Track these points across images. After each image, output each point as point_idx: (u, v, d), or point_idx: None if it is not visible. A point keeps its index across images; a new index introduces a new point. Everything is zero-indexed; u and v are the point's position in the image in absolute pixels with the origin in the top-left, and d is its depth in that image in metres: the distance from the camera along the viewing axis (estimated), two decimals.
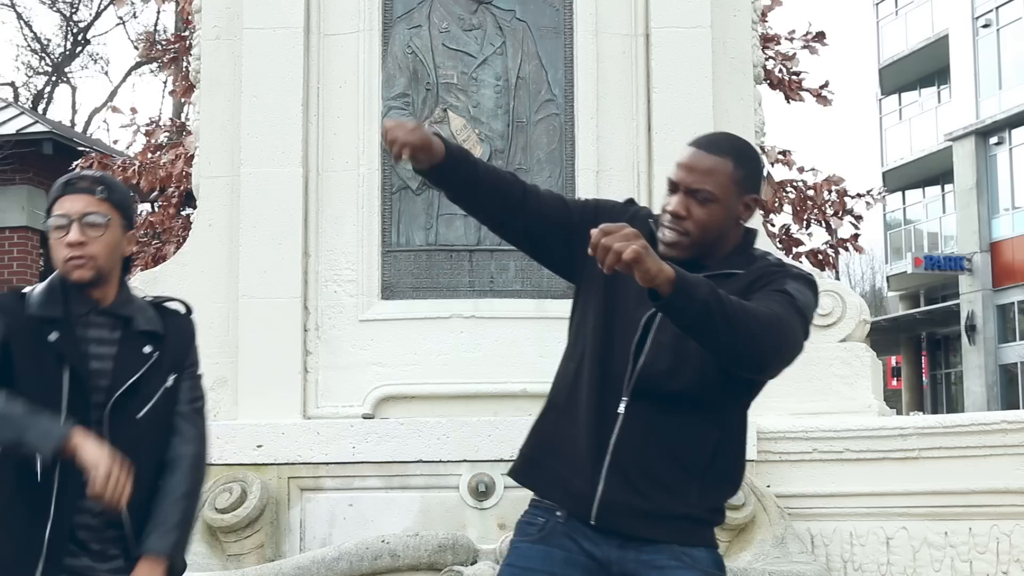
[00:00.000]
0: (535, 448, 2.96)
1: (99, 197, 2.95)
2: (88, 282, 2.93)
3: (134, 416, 2.89)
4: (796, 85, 9.93)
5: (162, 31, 22.70)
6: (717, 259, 2.83)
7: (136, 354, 2.93)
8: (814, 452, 5.19)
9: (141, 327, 2.98)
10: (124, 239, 3.01)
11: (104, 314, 2.95)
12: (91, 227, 2.92)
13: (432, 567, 4.61)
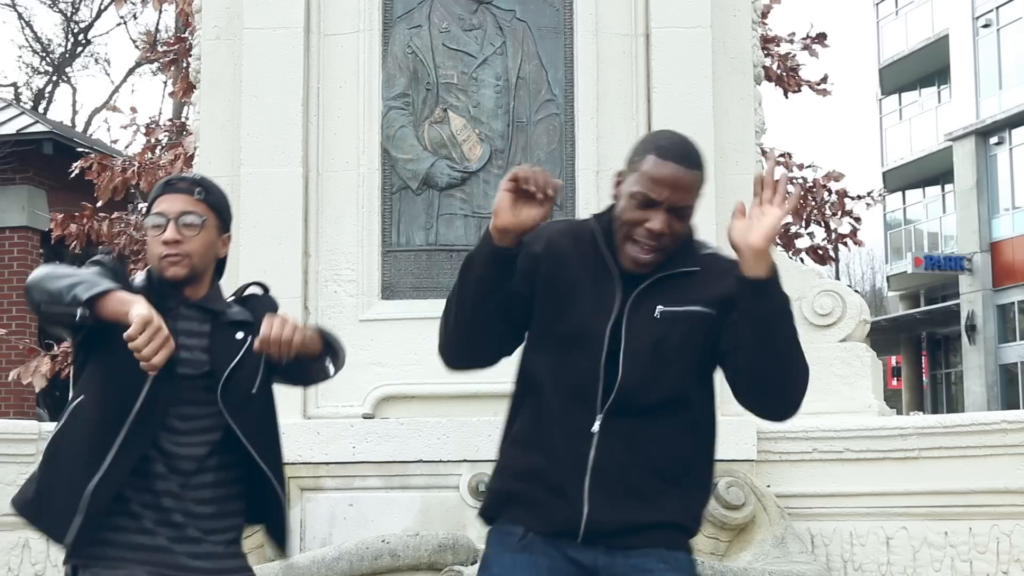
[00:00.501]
0: (508, 483, 2.78)
1: (197, 198, 3.05)
2: (182, 280, 3.02)
3: (248, 394, 2.99)
4: (795, 78, 9.92)
5: (163, 31, 22.70)
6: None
7: (230, 341, 3.01)
8: (814, 452, 5.19)
9: (232, 318, 3.07)
10: (219, 240, 3.10)
11: (194, 308, 3.03)
12: (187, 227, 3.01)
13: (432, 567, 4.61)
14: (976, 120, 29.97)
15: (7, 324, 12.75)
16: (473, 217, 5.54)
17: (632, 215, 2.74)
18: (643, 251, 2.73)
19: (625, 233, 2.75)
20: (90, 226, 9.44)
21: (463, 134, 5.57)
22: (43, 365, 8.65)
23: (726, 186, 5.57)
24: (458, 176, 5.55)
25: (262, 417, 3.04)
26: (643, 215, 2.74)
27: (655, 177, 2.75)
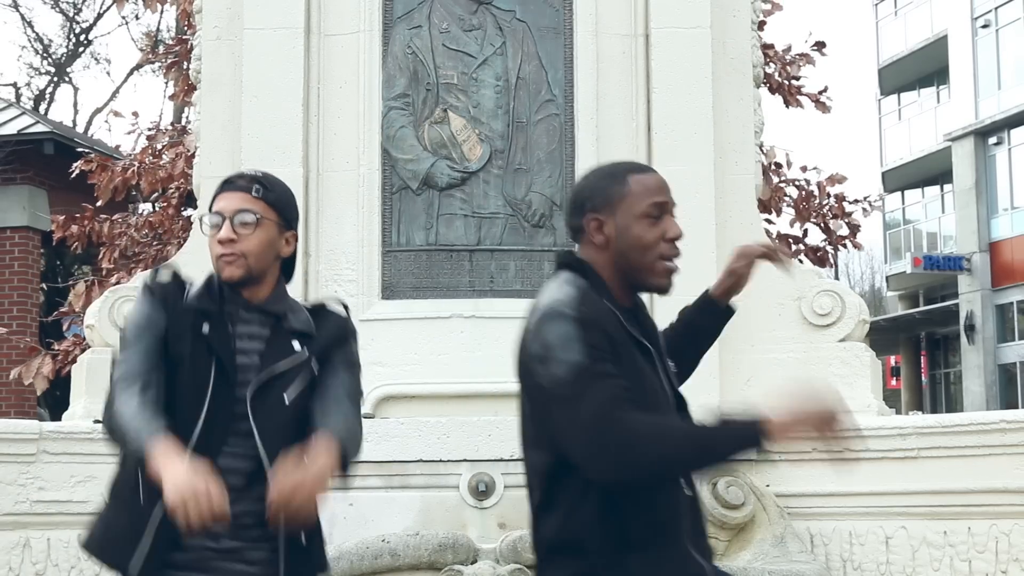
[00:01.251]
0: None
1: (254, 196, 2.96)
2: (238, 280, 2.92)
3: (280, 405, 2.89)
4: (795, 91, 9.93)
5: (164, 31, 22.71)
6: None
7: (284, 349, 2.94)
8: (813, 452, 5.17)
9: (292, 326, 2.97)
10: (280, 238, 2.99)
11: (254, 311, 2.95)
12: (243, 225, 2.91)
13: (432, 566, 4.62)
14: (975, 120, 29.97)
15: (7, 324, 12.74)
16: (473, 217, 5.55)
17: (651, 235, 2.73)
18: (671, 261, 2.77)
19: (652, 256, 2.73)
20: (91, 227, 9.45)
21: (463, 134, 5.58)
22: (45, 366, 8.65)
23: (725, 186, 5.58)
24: (458, 176, 5.56)
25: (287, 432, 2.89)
26: (659, 229, 2.74)
27: (651, 187, 2.78)
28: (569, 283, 2.69)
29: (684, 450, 2.56)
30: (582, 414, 2.53)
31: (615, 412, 2.49)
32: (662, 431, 2.56)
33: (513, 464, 5.17)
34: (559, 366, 2.61)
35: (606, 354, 2.57)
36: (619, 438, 2.48)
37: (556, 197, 5.57)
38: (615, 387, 2.52)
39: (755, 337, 5.49)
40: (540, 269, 5.55)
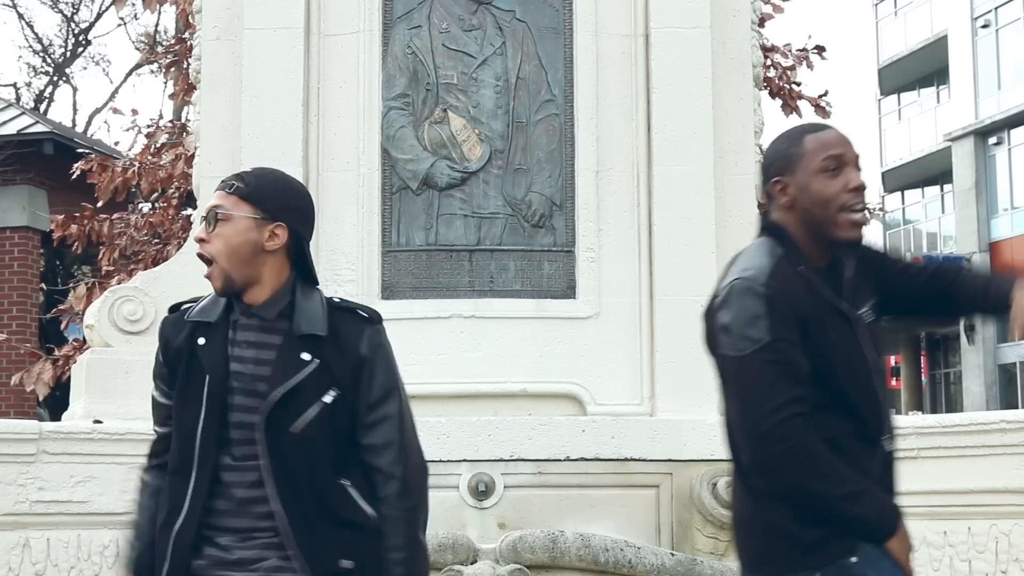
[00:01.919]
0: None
1: (227, 192, 2.79)
2: (221, 290, 2.77)
3: (287, 429, 2.69)
4: (795, 95, 9.92)
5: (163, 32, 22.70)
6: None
7: (294, 360, 2.73)
8: None
9: (301, 329, 2.77)
10: (260, 232, 2.80)
11: (253, 315, 2.78)
12: (212, 222, 2.76)
13: (432, 566, 4.58)
14: (975, 120, 29.97)
15: (7, 325, 12.74)
16: (473, 217, 5.55)
17: (830, 188, 2.73)
18: (857, 211, 2.74)
19: (833, 210, 2.73)
20: (91, 227, 9.45)
21: (463, 134, 5.58)
22: (45, 372, 8.65)
23: (725, 186, 5.58)
24: (458, 176, 5.56)
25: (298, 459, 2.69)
26: (839, 181, 2.73)
27: (828, 141, 2.77)
28: (764, 252, 2.74)
29: (831, 494, 2.63)
30: (755, 408, 2.64)
31: (788, 427, 2.59)
32: (822, 469, 2.62)
33: (513, 464, 5.18)
34: (742, 342, 2.68)
35: (792, 334, 2.63)
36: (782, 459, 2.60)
37: (556, 197, 5.57)
38: (794, 381, 2.60)
39: None
40: (540, 269, 5.56)
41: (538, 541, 4.63)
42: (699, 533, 5.06)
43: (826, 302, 2.71)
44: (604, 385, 5.41)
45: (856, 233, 2.75)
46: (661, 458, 5.18)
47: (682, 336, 5.37)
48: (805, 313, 2.66)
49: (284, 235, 2.87)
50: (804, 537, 2.63)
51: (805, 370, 2.64)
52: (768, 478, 2.65)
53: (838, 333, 2.70)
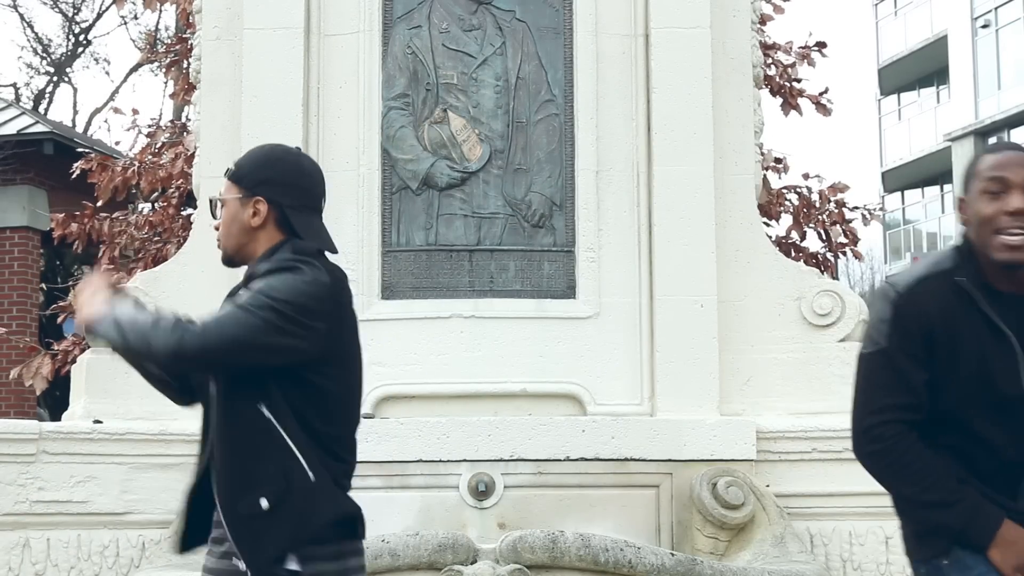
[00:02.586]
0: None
1: (225, 177, 2.94)
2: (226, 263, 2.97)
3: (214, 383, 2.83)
4: (796, 93, 9.90)
5: (163, 31, 22.70)
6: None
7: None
8: (813, 452, 5.20)
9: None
10: (244, 210, 2.86)
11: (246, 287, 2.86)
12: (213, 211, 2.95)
13: (432, 566, 4.62)
14: (975, 120, 29.97)
15: (7, 324, 12.74)
16: (473, 217, 5.55)
17: (988, 209, 2.73)
18: (1010, 234, 2.71)
19: (988, 231, 2.74)
20: (91, 225, 9.44)
21: (463, 134, 5.58)
22: (44, 366, 8.64)
23: (725, 186, 5.58)
24: (458, 176, 5.56)
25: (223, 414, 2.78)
26: (998, 203, 2.73)
27: (995, 164, 2.77)
28: (932, 261, 2.83)
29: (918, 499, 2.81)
30: (860, 405, 2.90)
31: (882, 430, 2.83)
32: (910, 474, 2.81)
33: (513, 464, 5.18)
34: (867, 341, 2.90)
35: (911, 345, 2.77)
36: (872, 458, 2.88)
37: (556, 197, 5.57)
38: (902, 389, 2.78)
39: (755, 337, 5.50)
40: (540, 269, 5.56)
41: (538, 541, 4.63)
42: (699, 533, 5.06)
43: (982, 319, 2.74)
44: (604, 385, 5.41)
45: (1009, 255, 2.72)
46: (661, 458, 5.18)
47: (682, 336, 5.38)
48: (939, 326, 2.75)
49: (264, 208, 2.88)
50: (914, 528, 2.89)
51: (917, 381, 2.77)
52: (867, 471, 2.89)
53: (985, 352, 2.74)
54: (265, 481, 2.71)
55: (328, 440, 2.82)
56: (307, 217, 2.89)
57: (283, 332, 2.67)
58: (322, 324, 2.73)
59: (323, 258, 2.86)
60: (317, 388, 2.77)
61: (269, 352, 2.69)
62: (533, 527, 4.85)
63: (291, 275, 2.73)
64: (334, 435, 2.83)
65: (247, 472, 2.73)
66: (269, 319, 2.66)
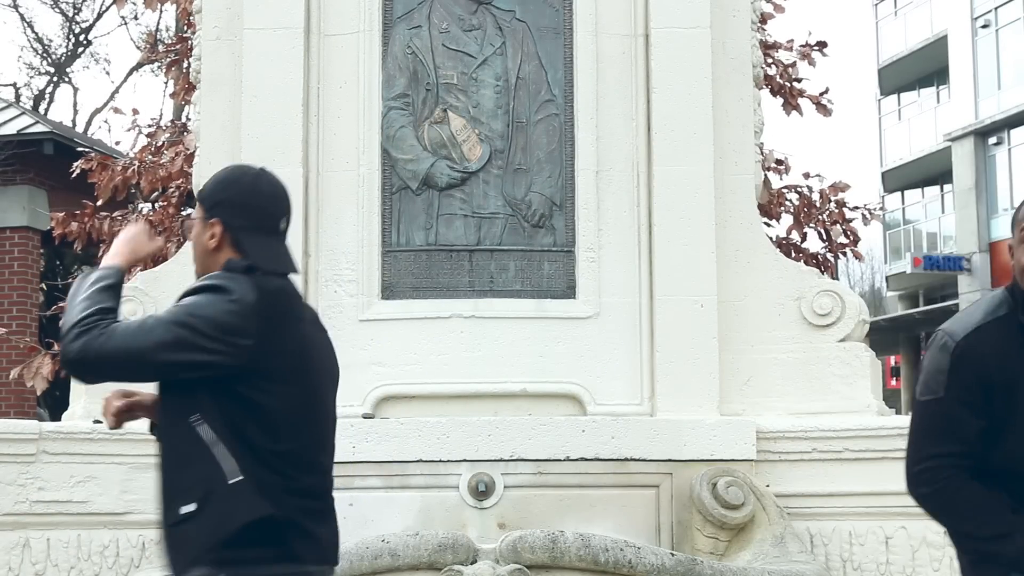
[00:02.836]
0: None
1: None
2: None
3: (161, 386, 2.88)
4: (796, 93, 9.89)
5: (164, 31, 22.70)
6: None
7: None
8: (813, 452, 5.20)
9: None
10: (204, 232, 2.95)
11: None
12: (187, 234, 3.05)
13: (432, 566, 4.62)
14: (975, 120, 29.95)
15: (7, 324, 12.73)
16: (473, 217, 5.55)
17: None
18: None
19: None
20: (91, 225, 9.44)
21: (463, 134, 5.58)
22: (44, 366, 8.64)
23: (725, 186, 5.58)
24: (458, 176, 5.56)
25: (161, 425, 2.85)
26: None
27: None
28: (985, 306, 2.86)
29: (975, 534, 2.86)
30: (914, 449, 2.93)
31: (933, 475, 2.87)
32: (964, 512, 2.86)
33: (513, 464, 5.18)
34: (924, 389, 2.87)
35: (969, 395, 2.78)
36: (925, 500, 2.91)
37: (556, 197, 5.57)
38: (955, 439, 2.82)
39: (755, 337, 5.50)
40: (540, 269, 5.56)
41: (538, 541, 4.63)
42: (699, 533, 5.06)
43: None
44: (604, 385, 5.41)
45: None
46: (661, 458, 5.18)
47: (682, 336, 5.38)
48: (996, 373, 2.78)
49: (219, 230, 2.94)
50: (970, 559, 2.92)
51: (972, 430, 2.80)
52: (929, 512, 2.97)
53: None
54: (188, 490, 2.73)
55: (269, 456, 2.76)
56: (259, 238, 2.94)
57: (196, 348, 2.71)
58: (245, 340, 2.73)
59: (259, 276, 2.85)
60: (254, 403, 2.76)
61: (181, 366, 2.73)
62: (533, 527, 4.85)
63: (212, 294, 2.77)
64: (278, 451, 2.77)
65: (175, 483, 2.77)
66: (181, 335, 2.70)
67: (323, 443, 2.92)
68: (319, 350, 2.96)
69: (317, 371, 2.91)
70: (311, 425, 2.86)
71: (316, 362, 2.92)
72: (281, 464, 2.78)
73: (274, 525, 2.73)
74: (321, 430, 2.91)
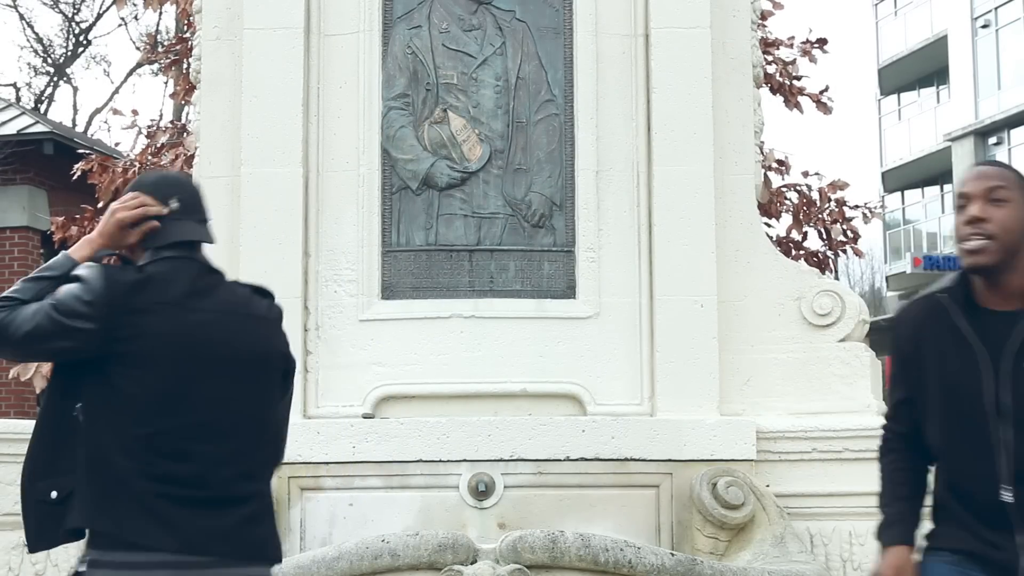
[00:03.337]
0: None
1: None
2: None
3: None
4: (796, 91, 9.89)
5: (163, 32, 22.71)
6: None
7: None
8: (813, 452, 5.20)
9: None
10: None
11: None
12: None
13: (432, 566, 4.62)
14: (975, 120, 29.96)
15: None
16: (473, 217, 5.56)
17: (957, 222, 2.90)
18: (968, 240, 2.85)
19: (958, 242, 2.90)
20: (90, 228, 9.44)
21: (463, 134, 5.58)
22: (44, 365, 8.65)
23: (725, 186, 5.58)
24: (458, 176, 5.56)
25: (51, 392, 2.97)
26: (962, 216, 2.88)
27: (961, 181, 2.94)
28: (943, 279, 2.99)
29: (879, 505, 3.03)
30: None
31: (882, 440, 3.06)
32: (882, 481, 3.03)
33: (513, 464, 5.18)
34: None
35: (896, 369, 2.99)
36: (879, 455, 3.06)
37: (556, 197, 5.57)
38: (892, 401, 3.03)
39: (755, 337, 5.50)
40: (540, 269, 5.56)
41: (538, 541, 4.63)
42: (699, 533, 5.06)
43: (956, 334, 2.84)
44: (604, 385, 5.41)
45: (969, 260, 2.86)
46: (661, 458, 5.18)
47: (682, 336, 5.38)
48: (909, 349, 2.94)
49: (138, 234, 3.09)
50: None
51: (893, 401, 3.02)
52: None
53: (956, 367, 2.84)
54: (60, 473, 2.86)
55: (128, 440, 2.80)
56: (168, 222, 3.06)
57: (56, 335, 2.82)
58: (89, 324, 2.80)
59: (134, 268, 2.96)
60: (116, 388, 2.81)
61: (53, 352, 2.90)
62: (533, 527, 4.85)
63: (74, 282, 2.87)
64: (137, 435, 2.80)
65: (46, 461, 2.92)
66: (41, 324, 2.82)
67: (204, 430, 2.87)
68: (216, 334, 2.91)
69: (200, 357, 2.87)
70: (183, 412, 2.84)
71: (204, 348, 2.88)
72: (139, 449, 2.79)
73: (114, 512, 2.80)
74: (201, 416, 2.87)
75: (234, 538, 2.85)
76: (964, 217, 2.87)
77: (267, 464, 3.05)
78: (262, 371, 3.00)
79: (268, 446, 3.03)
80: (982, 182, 2.88)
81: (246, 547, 2.88)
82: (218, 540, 2.83)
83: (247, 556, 2.88)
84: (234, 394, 2.91)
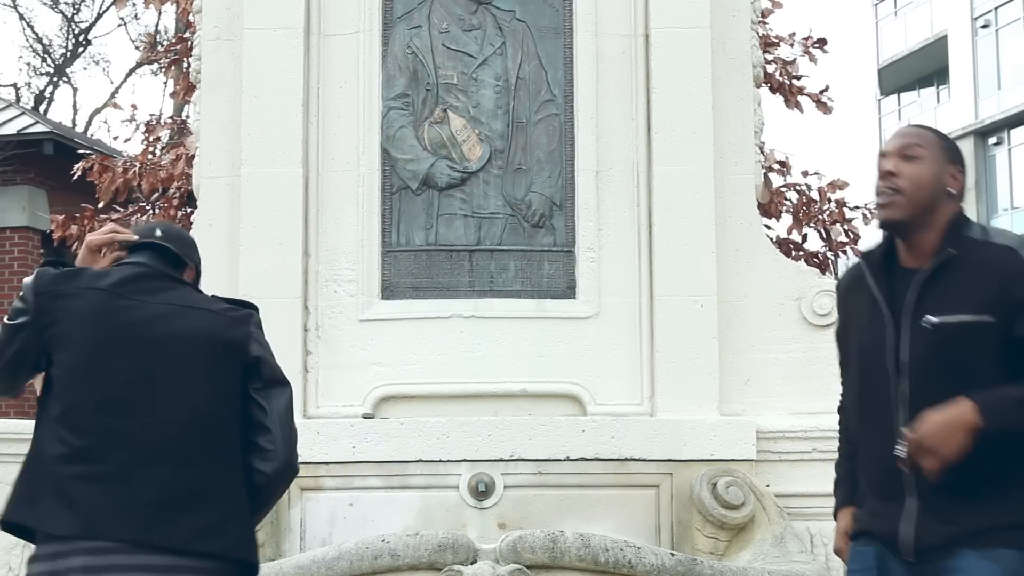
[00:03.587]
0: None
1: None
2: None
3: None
4: (796, 91, 9.89)
5: (163, 32, 22.70)
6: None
7: None
8: (813, 452, 5.20)
9: None
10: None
11: None
12: None
13: (432, 566, 4.62)
14: (975, 120, 29.96)
15: None
16: (473, 217, 5.56)
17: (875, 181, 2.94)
18: (879, 195, 2.89)
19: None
20: (90, 227, 9.44)
21: (463, 134, 5.58)
22: None
23: (725, 186, 5.58)
24: (458, 176, 5.56)
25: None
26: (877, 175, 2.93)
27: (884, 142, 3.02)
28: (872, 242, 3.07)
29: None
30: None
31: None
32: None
33: (513, 464, 5.18)
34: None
35: (839, 329, 3.04)
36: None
37: (556, 197, 5.57)
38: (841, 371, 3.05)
39: (755, 337, 5.50)
40: (540, 269, 5.56)
41: (538, 541, 4.63)
42: (699, 533, 5.06)
43: (869, 296, 2.88)
44: (604, 385, 5.41)
45: (879, 214, 2.91)
46: (661, 458, 5.18)
47: (682, 336, 5.38)
48: (848, 310, 2.98)
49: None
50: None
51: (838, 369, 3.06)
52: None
53: (867, 328, 2.87)
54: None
55: (53, 423, 2.88)
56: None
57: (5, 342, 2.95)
58: (24, 317, 2.93)
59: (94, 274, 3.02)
60: (49, 379, 2.92)
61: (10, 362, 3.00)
62: (533, 527, 4.85)
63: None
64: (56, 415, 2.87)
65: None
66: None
67: (113, 405, 2.84)
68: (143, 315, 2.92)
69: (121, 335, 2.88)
70: (94, 386, 2.84)
71: (126, 328, 2.89)
72: (59, 429, 2.84)
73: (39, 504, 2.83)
74: (112, 391, 2.84)
75: (144, 524, 2.76)
76: (878, 173, 2.92)
77: (205, 450, 2.87)
78: (199, 356, 2.91)
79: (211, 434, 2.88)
80: (898, 139, 2.93)
81: (160, 535, 2.76)
82: (125, 525, 2.76)
83: (161, 546, 2.75)
84: (158, 375, 2.87)
